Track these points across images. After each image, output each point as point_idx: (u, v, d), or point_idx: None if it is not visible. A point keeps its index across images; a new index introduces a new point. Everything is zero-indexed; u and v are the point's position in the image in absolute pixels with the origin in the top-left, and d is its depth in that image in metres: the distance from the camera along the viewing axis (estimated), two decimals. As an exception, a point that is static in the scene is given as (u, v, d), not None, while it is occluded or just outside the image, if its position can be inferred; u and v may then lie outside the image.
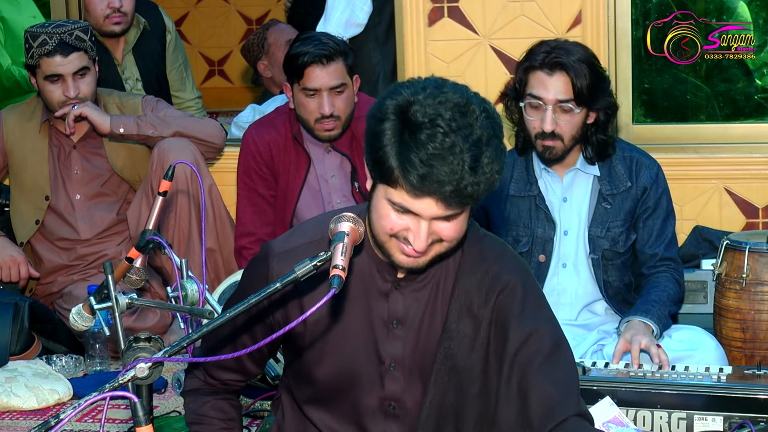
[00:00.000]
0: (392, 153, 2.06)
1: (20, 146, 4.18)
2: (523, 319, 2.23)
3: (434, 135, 2.03)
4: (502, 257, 2.29)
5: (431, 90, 2.08)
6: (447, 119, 2.04)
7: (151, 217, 2.94)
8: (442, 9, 4.33)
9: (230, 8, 7.59)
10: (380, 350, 2.28)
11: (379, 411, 2.31)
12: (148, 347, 2.02)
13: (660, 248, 3.39)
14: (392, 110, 2.08)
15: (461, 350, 2.25)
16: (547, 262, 3.40)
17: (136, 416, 1.81)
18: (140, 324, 3.93)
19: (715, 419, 2.89)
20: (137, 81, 4.75)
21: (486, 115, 2.09)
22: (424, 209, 2.07)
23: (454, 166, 2.02)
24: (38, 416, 3.45)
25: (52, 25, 4.02)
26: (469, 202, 2.08)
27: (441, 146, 2.02)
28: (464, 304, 2.25)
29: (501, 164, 2.10)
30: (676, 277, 3.39)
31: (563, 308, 3.42)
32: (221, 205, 4.19)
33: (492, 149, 2.07)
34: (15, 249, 4.10)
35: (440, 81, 2.13)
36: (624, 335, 3.16)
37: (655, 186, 3.39)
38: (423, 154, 2.02)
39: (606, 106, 3.33)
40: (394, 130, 2.06)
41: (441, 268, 2.27)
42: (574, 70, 3.23)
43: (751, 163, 4.20)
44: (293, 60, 3.85)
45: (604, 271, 3.39)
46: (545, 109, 3.27)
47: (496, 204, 3.45)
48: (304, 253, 2.14)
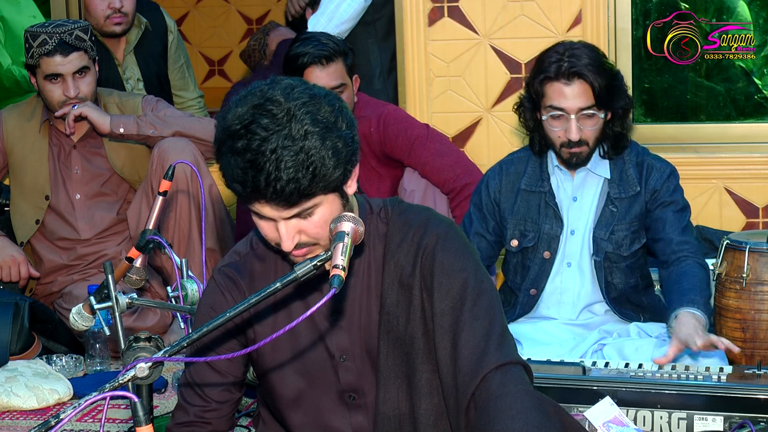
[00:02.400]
0: (222, 168, 2.11)
1: (20, 146, 4.18)
2: (444, 275, 2.24)
3: (250, 141, 2.04)
4: (426, 222, 2.29)
5: (241, 99, 2.10)
6: (262, 124, 2.04)
7: (151, 217, 2.94)
8: (442, 9, 4.33)
9: (230, 8, 7.60)
10: (328, 345, 2.31)
11: (342, 405, 2.33)
12: (148, 347, 2.03)
13: (675, 233, 3.33)
14: (219, 128, 2.11)
15: (400, 321, 2.27)
16: (551, 260, 3.40)
17: (136, 416, 1.81)
18: (140, 324, 3.93)
19: (716, 419, 2.89)
20: (138, 81, 4.75)
21: (305, 111, 2.06)
22: (267, 213, 2.10)
23: (267, 169, 2.02)
24: (38, 416, 3.44)
25: (52, 24, 4.01)
26: (298, 199, 2.07)
27: (257, 150, 2.03)
28: (396, 277, 2.27)
29: (332, 152, 2.06)
30: (699, 262, 3.32)
31: (565, 307, 3.42)
32: (221, 205, 4.19)
33: (314, 141, 2.04)
34: (15, 249, 4.10)
35: (264, 85, 2.11)
36: (677, 335, 3.03)
37: (666, 185, 3.36)
38: (241, 163, 2.04)
39: (624, 102, 3.33)
40: (220, 146, 2.10)
41: (369, 250, 2.30)
42: (590, 74, 3.21)
43: (751, 163, 4.20)
44: (293, 60, 3.85)
45: (607, 273, 3.38)
46: (569, 119, 3.26)
47: (507, 197, 3.45)
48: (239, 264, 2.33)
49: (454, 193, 3.96)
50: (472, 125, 4.37)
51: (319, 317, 2.31)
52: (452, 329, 2.21)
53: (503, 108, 4.33)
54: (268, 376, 2.36)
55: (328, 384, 2.33)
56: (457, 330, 2.20)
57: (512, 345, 2.24)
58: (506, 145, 4.30)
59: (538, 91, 3.30)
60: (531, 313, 3.46)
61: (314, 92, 2.10)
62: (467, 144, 4.37)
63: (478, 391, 2.15)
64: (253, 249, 2.36)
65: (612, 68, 3.33)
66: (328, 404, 2.34)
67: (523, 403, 2.10)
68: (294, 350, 2.32)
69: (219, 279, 2.36)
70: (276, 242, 2.16)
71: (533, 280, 3.42)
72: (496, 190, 3.47)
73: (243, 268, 2.35)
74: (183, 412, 2.39)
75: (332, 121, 2.08)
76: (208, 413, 2.37)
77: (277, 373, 2.34)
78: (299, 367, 2.33)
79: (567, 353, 3.28)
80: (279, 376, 2.34)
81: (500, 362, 2.17)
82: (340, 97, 2.17)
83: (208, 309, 2.35)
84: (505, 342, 2.22)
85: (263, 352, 2.33)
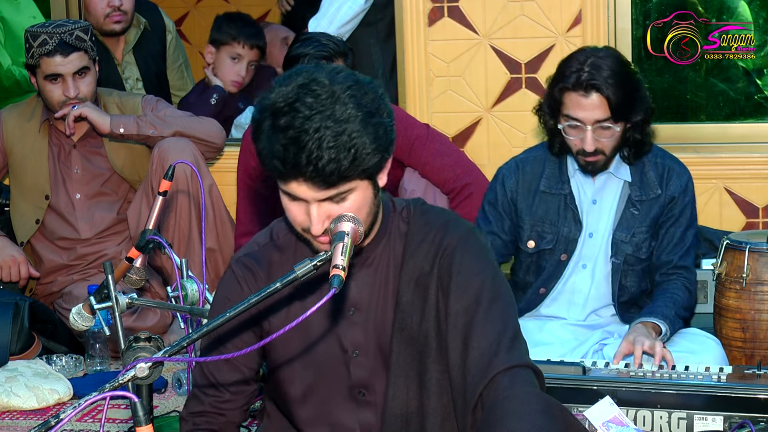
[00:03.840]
0: (261, 145, 2.11)
1: (20, 146, 4.18)
2: (461, 276, 2.25)
3: (293, 118, 2.05)
4: (447, 224, 2.31)
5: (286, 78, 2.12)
6: (307, 103, 2.06)
7: (151, 217, 2.94)
8: (442, 9, 4.33)
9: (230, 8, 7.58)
10: (342, 339, 2.31)
11: (351, 400, 2.33)
12: (148, 347, 2.03)
13: (676, 256, 3.37)
14: (259, 107, 2.13)
15: (414, 320, 2.27)
16: (566, 261, 3.40)
17: (136, 416, 1.81)
18: (140, 324, 3.93)
19: (716, 419, 2.89)
20: (137, 81, 4.75)
21: (350, 94, 2.09)
22: (302, 193, 2.10)
23: (309, 147, 2.04)
24: (38, 416, 3.44)
25: (53, 24, 4.02)
26: (337, 180, 2.08)
27: (300, 128, 2.04)
28: (413, 276, 2.28)
29: (372, 138, 2.08)
30: (686, 285, 3.36)
31: (574, 308, 3.42)
32: (221, 205, 4.19)
33: (356, 124, 2.06)
34: (15, 249, 4.10)
35: (310, 68, 2.15)
36: (626, 337, 3.15)
37: (683, 195, 3.38)
38: (282, 140, 2.06)
39: (644, 113, 3.31)
40: (260, 124, 2.11)
41: (389, 247, 2.30)
42: (608, 88, 3.19)
43: (751, 163, 4.20)
44: (293, 61, 3.85)
45: (623, 276, 3.38)
46: (585, 129, 3.25)
47: (525, 197, 3.44)
48: (258, 255, 2.32)
49: (455, 193, 3.96)
50: (472, 125, 4.37)
51: (334, 311, 2.31)
52: (465, 330, 2.22)
53: (503, 108, 4.33)
54: (278, 369, 2.35)
55: (339, 379, 2.32)
56: (470, 331, 2.21)
57: (524, 349, 2.25)
58: (506, 145, 4.30)
59: (556, 99, 3.29)
60: (535, 311, 3.46)
61: (358, 78, 2.13)
62: (467, 144, 4.37)
63: (486, 391, 2.16)
64: (273, 239, 2.36)
65: (634, 78, 3.29)
66: (338, 399, 2.33)
67: (529, 405, 2.10)
68: (306, 344, 2.32)
69: (236, 269, 2.35)
70: (303, 227, 2.15)
71: (545, 280, 3.42)
72: (512, 189, 3.45)
73: (262, 257, 2.34)
74: (197, 401, 2.38)
75: (375, 107, 2.11)
76: (223, 404, 2.37)
77: (287, 366, 2.33)
78: (310, 361, 2.32)
79: (568, 353, 3.28)
80: (289, 369, 2.33)
81: (510, 364, 2.18)
82: (383, 87, 2.19)
83: (224, 299, 2.34)
84: (517, 345, 2.23)
85: (275, 345, 2.32)
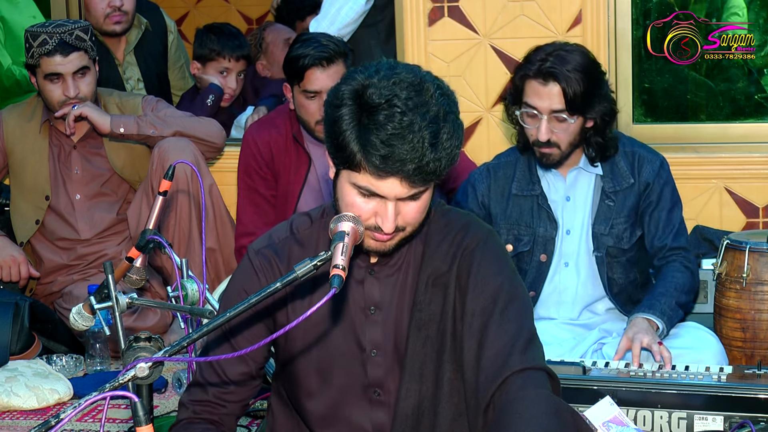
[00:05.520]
0: (352, 137, 2.10)
1: (20, 146, 4.18)
2: (479, 276, 2.26)
3: (392, 115, 2.07)
4: (467, 225, 2.33)
5: (385, 72, 2.14)
6: (403, 98, 2.09)
7: (152, 217, 2.94)
8: (442, 9, 4.33)
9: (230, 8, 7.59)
10: (360, 337, 2.31)
11: (365, 399, 2.33)
12: (148, 347, 2.03)
13: (668, 239, 3.38)
14: (348, 95, 2.13)
15: (431, 319, 2.28)
16: (548, 262, 3.41)
17: (137, 416, 1.81)
18: (140, 324, 3.94)
19: (716, 419, 2.89)
20: (139, 81, 4.75)
21: (440, 92, 2.14)
22: (389, 190, 2.11)
23: (414, 144, 2.07)
24: (38, 416, 3.45)
25: (53, 24, 4.02)
26: (432, 179, 2.13)
27: (400, 125, 2.07)
28: (432, 275, 2.29)
29: (459, 139, 2.15)
30: (686, 265, 3.36)
31: (564, 307, 3.43)
32: (221, 205, 4.19)
33: (450, 124, 2.12)
34: (15, 249, 4.10)
35: (393, 63, 2.19)
36: (626, 333, 3.17)
37: (657, 179, 3.39)
38: (383, 135, 2.07)
39: (603, 113, 3.32)
40: (352, 115, 2.11)
41: (410, 248, 2.31)
42: (566, 79, 3.23)
43: (751, 163, 4.20)
44: (293, 62, 3.85)
45: (608, 269, 3.39)
46: (540, 118, 3.28)
47: (498, 202, 3.46)
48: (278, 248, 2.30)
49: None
50: (472, 125, 4.37)
51: (354, 308, 2.31)
52: (480, 330, 2.22)
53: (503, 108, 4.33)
54: (291, 365, 2.34)
55: (354, 378, 2.32)
56: (485, 331, 2.22)
57: (539, 352, 2.25)
58: (506, 145, 4.29)
59: (518, 87, 3.34)
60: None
61: (438, 81, 2.17)
62: (467, 144, 4.37)
63: (498, 392, 2.16)
64: (293, 234, 2.35)
65: (598, 77, 3.31)
66: (351, 398, 2.33)
67: (539, 408, 2.11)
68: (323, 339, 2.31)
69: (255, 260, 2.33)
70: (368, 223, 2.15)
71: (531, 283, 3.42)
72: (484, 194, 3.48)
73: (282, 251, 2.33)
74: (201, 390, 2.37)
75: (456, 106, 2.17)
76: (227, 395, 2.36)
77: (301, 363, 2.32)
78: (326, 359, 2.31)
79: (567, 353, 3.29)
80: (303, 365, 2.33)
81: (523, 366, 2.18)
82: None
83: (240, 291, 2.32)
84: (532, 348, 2.23)
85: (291, 337, 2.31)
